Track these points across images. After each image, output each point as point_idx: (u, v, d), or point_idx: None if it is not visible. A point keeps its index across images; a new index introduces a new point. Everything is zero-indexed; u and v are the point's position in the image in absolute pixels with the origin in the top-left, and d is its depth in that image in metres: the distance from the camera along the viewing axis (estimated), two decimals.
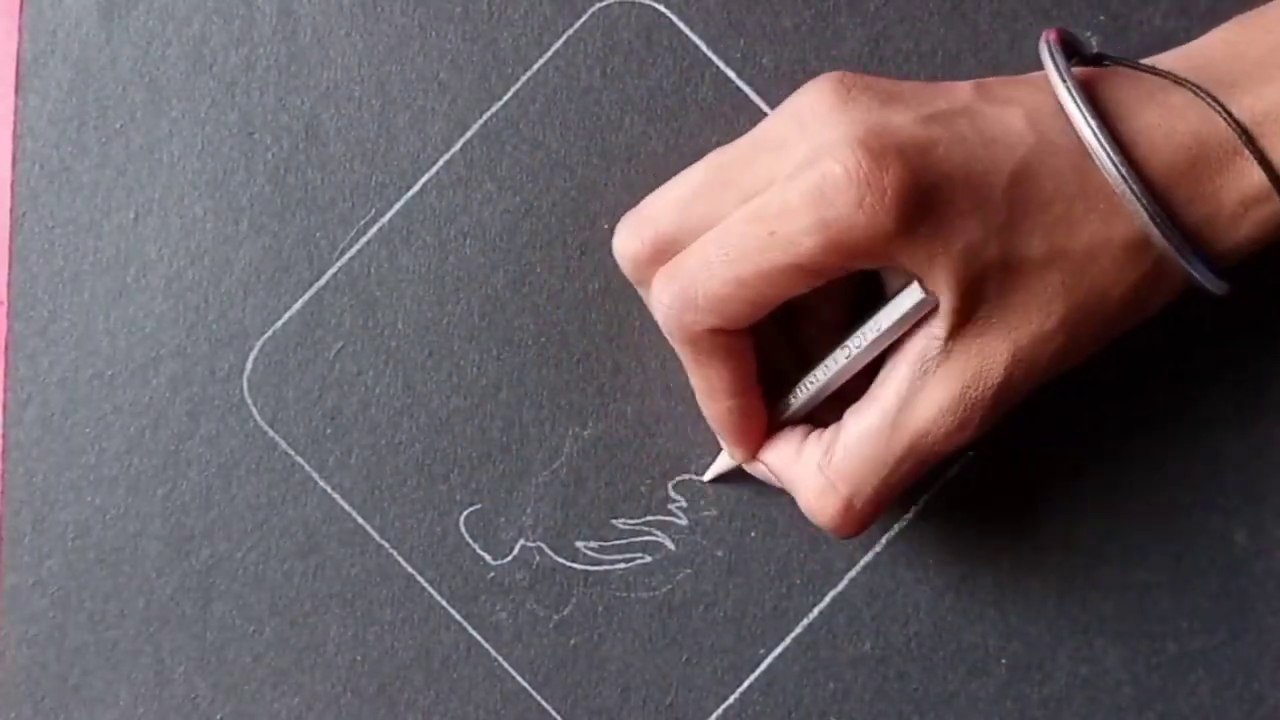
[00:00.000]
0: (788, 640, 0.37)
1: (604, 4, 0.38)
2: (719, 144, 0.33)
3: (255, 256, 0.38)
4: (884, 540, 0.37)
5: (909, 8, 0.37)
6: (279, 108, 0.39)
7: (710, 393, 0.34)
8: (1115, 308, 0.31)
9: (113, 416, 0.38)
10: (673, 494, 0.37)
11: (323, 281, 0.38)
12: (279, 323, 0.38)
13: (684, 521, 0.37)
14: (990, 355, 0.31)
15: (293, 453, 0.38)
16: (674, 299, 0.32)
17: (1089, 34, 0.37)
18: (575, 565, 0.37)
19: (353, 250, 0.38)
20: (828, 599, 0.37)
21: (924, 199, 0.30)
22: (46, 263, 0.39)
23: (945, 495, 0.37)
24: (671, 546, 0.37)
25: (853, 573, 0.37)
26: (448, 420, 0.38)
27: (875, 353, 0.32)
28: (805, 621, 0.37)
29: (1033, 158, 0.30)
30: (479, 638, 0.37)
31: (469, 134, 0.38)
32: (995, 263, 0.30)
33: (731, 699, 0.37)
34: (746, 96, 0.37)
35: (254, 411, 0.38)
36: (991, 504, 0.36)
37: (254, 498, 0.38)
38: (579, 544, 0.37)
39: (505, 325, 0.38)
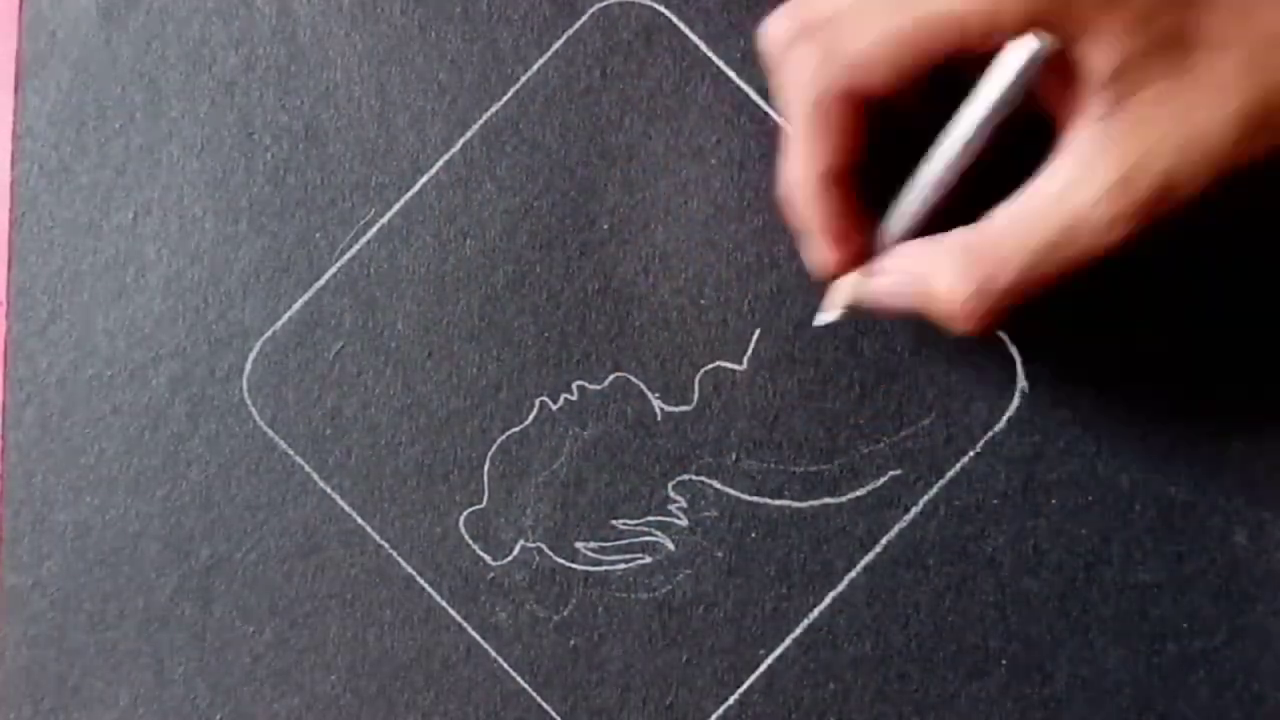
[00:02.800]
0: (788, 641, 0.37)
1: (604, 4, 0.38)
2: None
3: (255, 256, 0.38)
4: (884, 540, 0.37)
5: None
6: (279, 108, 0.39)
7: (811, 171, 0.32)
8: None
9: (112, 417, 0.38)
10: (672, 494, 0.37)
11: (323, 281, 0.38)
12: (279, 323, 0.38)
13: (684, 522, 0.37)
14: (1155, 140, 0.28)
15: (292, 453, 0.38)
16: (815, 50, 0.31)
17: None
18: (575, 566, 0.37)
19: (353, 250, 0.38)
20: (828, 600, 0.37)
21: None
22: (46, 263, 0.39)
23: (945, 495, 0.37)
24: (671, 547, 0.37)
25: (853, 573, 0.37)
26: (448, 420, 0.38)
27: (991, 124, 0.30)
28: (805, 622, 0.37)
29: None
30: (479, 638, 0.37)
31: (469, 134, 0.38)
32: (1167, 36, 0.28)
33: (731, 699, 0.37)
34: (747, 96, 0.37)
35: (254, 412, 0.38)
36: (992, 505, 0.36)
37: (254, 498, 0.38)
38: (579, 544, 0.37)
39: (505, 325, 0.38)
